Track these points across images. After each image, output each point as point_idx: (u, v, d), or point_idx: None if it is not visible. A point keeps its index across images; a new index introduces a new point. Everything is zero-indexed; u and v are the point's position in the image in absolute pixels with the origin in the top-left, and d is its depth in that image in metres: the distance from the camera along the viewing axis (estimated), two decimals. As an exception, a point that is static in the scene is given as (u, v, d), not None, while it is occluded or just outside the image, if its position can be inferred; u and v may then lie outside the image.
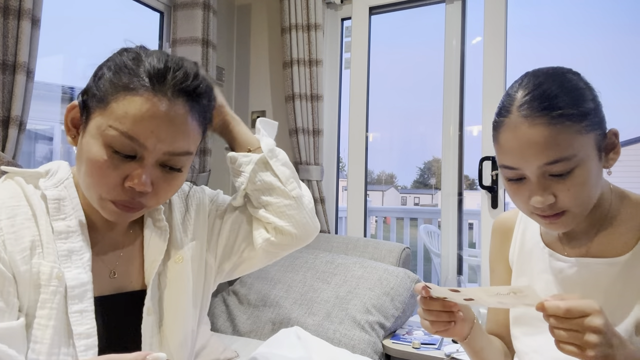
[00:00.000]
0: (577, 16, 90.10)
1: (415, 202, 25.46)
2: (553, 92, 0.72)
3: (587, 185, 0.72)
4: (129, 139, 0.64)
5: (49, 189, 0.71)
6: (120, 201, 0.67)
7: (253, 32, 2.59)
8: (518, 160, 0.73)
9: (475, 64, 2.01)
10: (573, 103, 0.71)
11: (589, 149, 0.71)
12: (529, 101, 0.72)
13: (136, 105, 0.64)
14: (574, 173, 0.71)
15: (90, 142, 0.66)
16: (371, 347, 1.63)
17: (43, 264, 0.65)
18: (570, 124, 0.70)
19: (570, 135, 0.70)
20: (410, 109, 20.55)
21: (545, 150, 0.70)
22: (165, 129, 0.65)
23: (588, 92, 0.74)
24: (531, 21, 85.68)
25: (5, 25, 1.42)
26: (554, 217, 0.75)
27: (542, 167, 0.72)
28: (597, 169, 0.73)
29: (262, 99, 2.55)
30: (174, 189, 0.71)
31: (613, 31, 51.25)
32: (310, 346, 1.49)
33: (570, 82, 0.74)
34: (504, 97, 0.77)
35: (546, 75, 0.75)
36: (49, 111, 2.99)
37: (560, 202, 0.73)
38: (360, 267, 1.86)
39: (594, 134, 0.72)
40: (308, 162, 2.25)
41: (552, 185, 0.72)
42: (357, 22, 2.29)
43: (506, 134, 0.74)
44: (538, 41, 79.83)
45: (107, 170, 0.65)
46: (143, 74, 0.65)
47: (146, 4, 2.24)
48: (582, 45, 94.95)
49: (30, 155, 3.04)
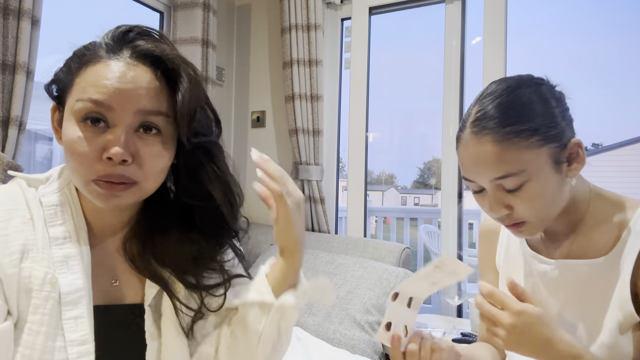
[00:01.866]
0: (577, 16, 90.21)
1: (415, 202, 25.48)
2: (502, 108, 0.74)
3: (541, 198, 0.74)
4: (94, 104, 0.63)
5: (47, 195, 0.70)
6: (102, 176, 0.64)
7: (253, 32, 2.60)
8: (472, 174, 0.77)
9: (475, 64, 2.02)
10: (522, 119, 0.72)
11: (541, 163, 0.73)
12: (479, 118, 0.75)
13: (96, 72, 0.64)
14: (526, 187, 0.73)
15: (65, 126, 0.65)
16: (371, 347, 1.63)
17: (36, 268, 0.64)
18: (518, 140, 0.72)
19: (518, 151, 0.72)
20: (410, 109, 20.58)
21: (493, 167, 0.73)
22: (127, 87, 0.63)
23: (541, 106, 0.74)
24: (531, 21, 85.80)
25: (5, 25, 1.42)
26: (514, 227, 0.78)
27: (493, 182, 0.74)
28: (554, 181, 0.74)
29: (262, 99, 2.55)
30: (157, 158, 0.67)
31: (613, 31, 51.26)
32: (309, 347, 1.49)
33: (523, 96, 0.75)
34: (467, 110, 0.80)
35: (503, 89, 0.76)
36: (48, 111, 2.99)
37: (516, 214, 0.75)
38: (360, 267, 1.86)
39: (548, 148, 0.73)
40: (308, 162, 2.25)
41: (507, 197, 0.75)
42: (357, 22, 2.29)
43: (460, 149, 0.79)
44: (538, 41, 79.96)
45: (83, 146, 0.63)
46: (99, 46, 0.67)
47: (146, 4, 2.24)
48: (582, 46, 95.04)
49: (30, 155, 3.04)
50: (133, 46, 0.66)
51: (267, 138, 2.53)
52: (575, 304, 0.80)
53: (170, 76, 0.67)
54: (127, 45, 0.66)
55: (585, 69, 22.27)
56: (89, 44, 0.68)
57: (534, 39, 76.82)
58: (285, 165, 2.46)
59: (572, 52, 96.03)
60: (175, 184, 0.76)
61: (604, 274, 0.77)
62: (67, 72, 0.67)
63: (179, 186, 0.75)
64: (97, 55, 0.66)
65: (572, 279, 0.80)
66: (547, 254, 0.85)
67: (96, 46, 0.67)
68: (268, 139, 2.53)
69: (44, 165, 3.20)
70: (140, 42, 0.67)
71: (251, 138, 2.59)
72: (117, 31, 0.68)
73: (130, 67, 0.65)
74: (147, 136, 0.66)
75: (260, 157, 0.71)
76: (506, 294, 0.73)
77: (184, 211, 0.75)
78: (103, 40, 0.67)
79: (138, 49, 0.66)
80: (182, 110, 0.66)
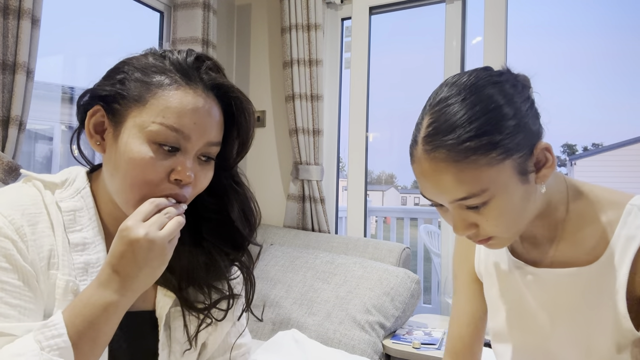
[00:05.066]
0: (578, 16, 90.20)
1: (415, 202, 25.46)
2: (457, 120, 0.63)
3: (507, 213, 0.66)
4: (174, 132, 0.65)
5: (65, 200, 0.69)
6: (165, 196, 0.66)
7: (253, 32, 2.59)
8: (429, 194, 0.69)
9: (475, 64, 2.01)
10: (480, 132, 0.62)
11: (504, 178, 0.64)
12: (431, 134, 0.65)
13: (176, 98, 0.66)
14: (490, 205, 0.65)
15: (130, 142, 0.65)
16: (371, 347, 1.63)
17: (59, 276, 0.65)
18: (476, 157, 0.62)
19: (476, 170, 0.63)
20: (410, 109, 20.54)
21: (450, 188, 0.64)
22: (204, 120, 0.67)
23: (506, 109, 0.64)
24: (531, 21, 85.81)
25: (5, 25, 1.42)
26: (484, 242, 0.70)
27: (453, 203, 0.66)
28: (521, 192, 0.66)
29: (262, 99, 2.55)
30: (208, 180, 0.72)
31: (613, 31, 51.26)
32: (307, 349, 1.49)
33: (482, 102, 0.64)
34: (418, 119, 0.70)
35: (458, 92, 0.66)
36: (49, 111, 2.99)
37: (482, 231, 0.68)
38: (360, 267, 1.86)
39: (511, 160, 0.64)
40: (308, 162, 2.25)
41: (471, 216, 0.67)
42: (357, 22, 2.29)
43: (414, 166, 0.69)
44: (538, 41, 79.95)
45: (153, 166, 0.64)
46: (172, 68, 0.68)
47: (146, 4, 2.24)
48: (582, 46, 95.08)
49: (30, 155, 3.04)
50: (206, 78, 0.69)
51: (267, 138, 2.53)
52: (565, 317, 0.73)
53: (232, 111, 0.72)
54: (199, 75, 0.69)
55: (586, 69, 22.06)
56: (154, 59, 0.69)
57: (534, 39, 76.98)
58: (285, 165, 2.46)
59: (573, 52, 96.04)
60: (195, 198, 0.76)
61: (593, 283, 0.70)
62: (136, 88, 0.67)
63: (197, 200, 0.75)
64: (174, 79, 0.67)
65: (558, 289, 0.73)
66: (532, 262, 0.77)
67: (167, 68, 0.68)
68: (268, 139, 2.53)
69: (43, 165, 3.20)
70: (212, 74, 0.70)
71: (251, 138, 2.58)
72: (190, 58, 0.70)
73: (205, 100, 0.68)
74: (205, 163, 0.71)
75: None
76: None
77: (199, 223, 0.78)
78: (176, 62, 0.69)
79: (210, 80, 0.69)
80: (242, 145, 0.75)
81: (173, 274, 0.75)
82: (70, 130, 3.09)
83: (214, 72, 0.71)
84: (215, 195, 0.77)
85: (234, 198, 0.77)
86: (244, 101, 0.72)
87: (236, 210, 0.77)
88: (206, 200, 0.76)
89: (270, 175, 2.49)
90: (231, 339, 0.85)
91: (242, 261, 0.80)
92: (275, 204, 2.44)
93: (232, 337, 0.85)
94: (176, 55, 0.70)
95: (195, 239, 0.77)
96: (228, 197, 0.77)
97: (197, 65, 0.70)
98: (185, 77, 0.67)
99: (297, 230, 2.26)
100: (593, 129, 12.26)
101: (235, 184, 0.78)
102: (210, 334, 0.81)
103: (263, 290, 1.90)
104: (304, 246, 2.12)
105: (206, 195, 0.75)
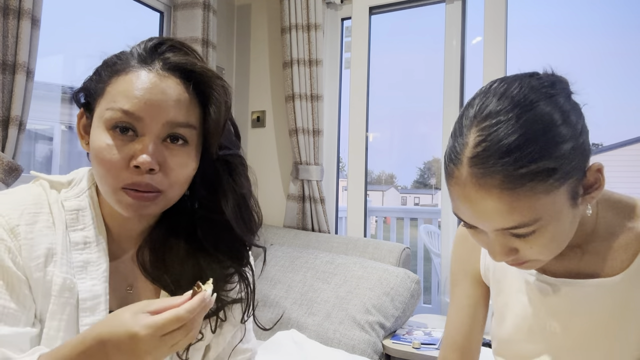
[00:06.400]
0: (578, 16, 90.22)
1: (415, 202, 25.48)
2: (513, 142, 0.56)
3: (555, 240, 0.61)
4: (125, 114, 0.63)
5: (69, 199, 0.70)
6: (130, 185, 0.64)
7: (253, 32, 2.59)
8: (468, 219, 0.62)
9: (475, 64, 2.01)
10: (539, 155, 0.56)
11: (558, 205, 0.58)
12: (482, 155, 0.57)
13: (128, 82, 0.65)
14: (538, 233, 0.59)
15: (93, 133, 0.66)
16: (371, 347, 1.63)
17: (56, 273, 0.65)
18: (534, 184, 0.56)
19: (532, 199, 0.57)
20: (410, 109, 20.54)
21: (500, 218, 0.58)
22: (157, 98, 0.64)
23: (563, 129, 0.58)
24: (531, 21, 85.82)
25: (5, 25, 1.42)
26: (519, 264, 0.66)
27: (499, 231, 0.61)
28: (571, 217, 0.61)
29: (262, 99, 2.55)
30: (182, 167, 0.67)
31: (613, 31, 51.28)
32: (306, 350, 1.49)
33: (539, 120, 0.57)
34: (458, 130, 0.62)
35: (511, 107, 0.58)
36: (49, 111, 2.99)
37: (522, 256, 0.63)
38: (360, 267, 1.86)
39: (567, 184, 0.58)
40: (308, 162, 2.25)
41: (514, 242, 0.61)
42: (357, 22, 2.29)
43: (455, 188, 0.61)
44: (538, 41, 79.96)
45: (112, 154, 0.64)
46: (131, 56, 0.68)
47: (146, 4, 2.24)
48: (583, 45, 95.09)
49: (30, 155, 3.04)
50: (164, 58, 0.67)
51: (267, 138, 2.53)
52: (581, 330, 0.69)
53: (201, 89, 0.68)
54: (158, 57, 0.67)
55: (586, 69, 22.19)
56: (120, 53, 0.70)
57: (534, 39, 76.96)
58: (285, 165, 2.46)
59: (573, 52, 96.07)
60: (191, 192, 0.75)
61: (618, 296, 0.66)
62: (98, 80, 0.68)
63: (193, 195, 0.75)
64: (129, 64, 0.66)
65: (578, 300, 0.69)
66: (548, 271, 0.72)
67: (128, 56, 0.68)
68: (268, 139, 2.53)
69: (43, 166, 3.20)
70: (170, 55, 0.68)
71: (251, 138, 2.59)
72: (150, 43, 0.69)
73: (161, 79, 0.66)
74: (174, 146, 0.67)
75: None
76: None
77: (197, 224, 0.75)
78: (135, 51, 0.68)
79: (169, 60, 0.67)
80: (214, 122, 0.68)
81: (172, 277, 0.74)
82: (70, 130, 3.09)
83: (175, 53, 0.68)
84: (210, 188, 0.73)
85: (229, 191, 0.73)
86: (210, 76, 0.68)
87: (231, 205, 0.72)
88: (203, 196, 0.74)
89: (270, 175, 2.49)
90: (235, 341, 0.83)
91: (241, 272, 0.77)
92: (275, 204, 2.44)
93: (236, 340, 0.83)
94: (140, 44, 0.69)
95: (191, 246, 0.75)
96: (223, 190, 0.73)
97: (156, 48, 0.68)
98: (141, 61, 0.67)
99: (297, 230, 2.26)
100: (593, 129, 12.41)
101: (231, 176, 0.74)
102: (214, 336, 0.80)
103: (263, 290, 1.90)
104: (304, 246, 2.12)
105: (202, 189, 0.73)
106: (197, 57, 0.71)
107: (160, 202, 0.67)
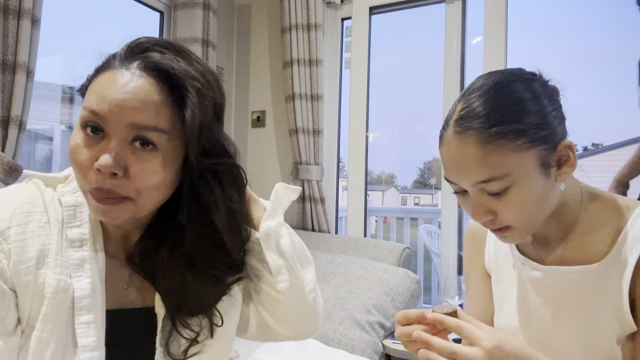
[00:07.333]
0: (578, 16, 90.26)
1: (415, 202, 25.48)
2: (488, 107, 0.68)
3: (527, 203, 0.69)
4: (91, 113, 0.61)
5: (66, 194, 0.69)
6: (94, 189, 0.62)
7: (253, 32, 2.59)
8: (454, 176, 0.72)
9: (476, 64, 2.02)
10: (508, 119, 0.67)
11: (527, 166, 0.68)
12: (463, 116, 0.70)
13: (102, 81, 0.63)
14: (510, 191, 0.68)
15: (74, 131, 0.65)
16: (371, 347, 1.63)
17: (49, 275, 0.63)
18: (503, 142, 0.67)
19: (502, 154, 0.67)
20: (410, 109, 20.57)
21: (475, 170, 0.68)
22: (123, 98, 0.60)
23: (532, 104, 0.69)
24: (531, 21, 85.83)
25: (5, 25, 1.42)
26: (498, 231, 0.74)
27: (475, 185, 0.70)
28: (541, 185, 0.69)
29: (262, 99, 2.55)
30: (150, 174, 0.62)
31: (613, 31, 51.27)
32: (307, 349, 1.49)
33: (513, 93, 0.69)
34: (452, 105, 0.75)
35: (491, 85, 0.71)
36: (49, 111, 2.99)
37: (500, 219, 0.71)
38: (360, 267, 1.86)
39: (536, 150, 0.68)
40: (308, 162, 2.25)
41: (490, 202, 0.70)
42: (357, 22, 2.29)
43: (443, 148, 0.73)
44: (538, 41, 80.00)
45: (77, 154, 0.62)
46: (115, 55, 0.66)
47: (146, 4, 2.24)
48: (583, 45, 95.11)
49: (30, 155, 3.04)
50: (144, 57, 0.64)
51: (267, 138, 2.53)
52: (569, 313, 0.76)
53: (179, 92, 0.63)
54: (139, 57, 0.64)
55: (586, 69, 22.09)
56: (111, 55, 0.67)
57: (534, 38, 76.97)
58: (285, 165, 2.46)
59: (573, 51, 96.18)
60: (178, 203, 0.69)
61: (598, 281, 0.73)
62: (89, 79, 0.67)
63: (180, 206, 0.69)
64: (110, 64, 0.64)
65: (564, 286, 0.76)
66: (538, 260, 0.80)
67: (113, 55, 0.66)
68: (268, 139, 2.53)
69: (43, 165, 3.20)
70: (152, 54, 0.64)
71: (251, 138, 2.59)
72: (134, 42, 0.66)
73: (134, 78, 0.61)
74: (142, 151, 0.62)
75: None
76: (475, 328, 0.67)
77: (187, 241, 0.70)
78: (120, 50, 0.66)
79: (147, 60, 0.63)
80: (189, 128, 0.63)
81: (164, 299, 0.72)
82: (70, 130, 3.09)
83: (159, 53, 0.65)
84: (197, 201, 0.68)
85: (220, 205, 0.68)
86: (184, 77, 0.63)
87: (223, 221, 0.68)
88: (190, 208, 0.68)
89: (270, 175, 2.49)
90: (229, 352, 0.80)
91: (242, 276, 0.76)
92: (275, 204, 2.44)
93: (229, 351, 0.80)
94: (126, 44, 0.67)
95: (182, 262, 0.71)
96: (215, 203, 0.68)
97: (137, 49, 0.65)
98: (121, 60, 0.64)
99: (297, 230, 2.27)
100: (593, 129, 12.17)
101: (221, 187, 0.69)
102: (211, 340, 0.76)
103: (263, 290, 1.90)
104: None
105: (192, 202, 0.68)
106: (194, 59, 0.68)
107: (129, 209, 0.63)
